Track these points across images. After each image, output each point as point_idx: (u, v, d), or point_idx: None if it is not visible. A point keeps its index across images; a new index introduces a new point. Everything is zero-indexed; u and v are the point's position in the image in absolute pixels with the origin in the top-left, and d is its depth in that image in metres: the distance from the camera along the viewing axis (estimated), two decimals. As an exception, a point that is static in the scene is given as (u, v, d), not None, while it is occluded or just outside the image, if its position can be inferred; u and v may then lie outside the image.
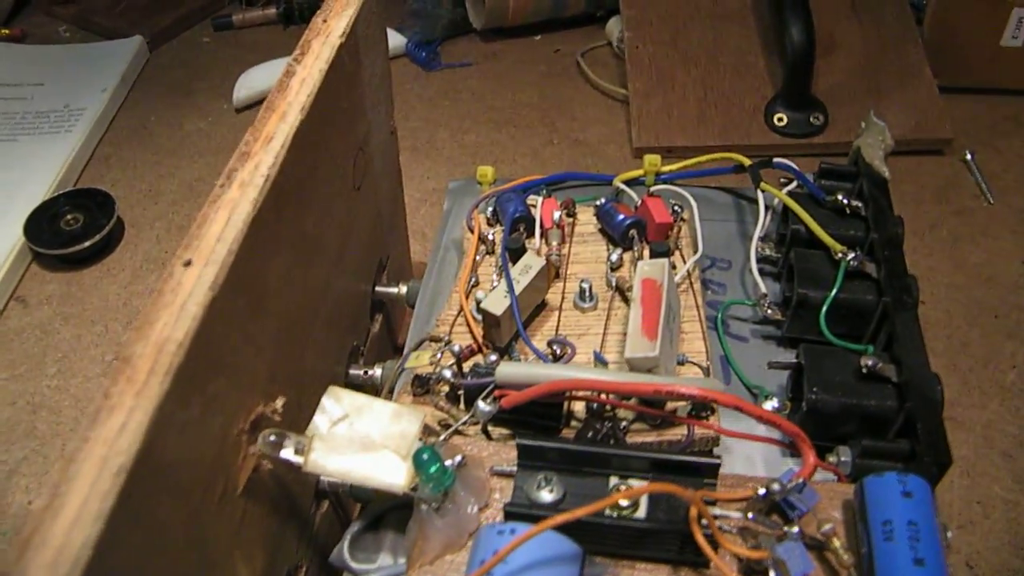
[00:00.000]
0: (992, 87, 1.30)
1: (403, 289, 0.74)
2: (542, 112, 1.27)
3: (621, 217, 0.64)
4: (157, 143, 1.26)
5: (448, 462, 0.47)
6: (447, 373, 0.53)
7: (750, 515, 0.46)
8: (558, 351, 0.57)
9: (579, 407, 0.54)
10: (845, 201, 0.64)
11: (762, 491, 0.46)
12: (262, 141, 0.50)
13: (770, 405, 0.57)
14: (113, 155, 1.24)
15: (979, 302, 1.03)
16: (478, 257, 0.65)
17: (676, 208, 0.67)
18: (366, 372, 0.68)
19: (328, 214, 0.59)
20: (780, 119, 1.17)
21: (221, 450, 0.44)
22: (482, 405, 0.51)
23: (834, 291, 0.59)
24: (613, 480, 0.47)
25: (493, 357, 0.56)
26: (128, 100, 1.34)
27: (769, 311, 0.62)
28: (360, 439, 0.48)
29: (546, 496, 0.46)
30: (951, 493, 0.85)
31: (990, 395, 0.94)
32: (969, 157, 1.19)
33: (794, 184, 0.68)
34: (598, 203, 0.67)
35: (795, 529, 0.45)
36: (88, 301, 1.02)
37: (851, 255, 0.59)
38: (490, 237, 0.65)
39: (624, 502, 0.45)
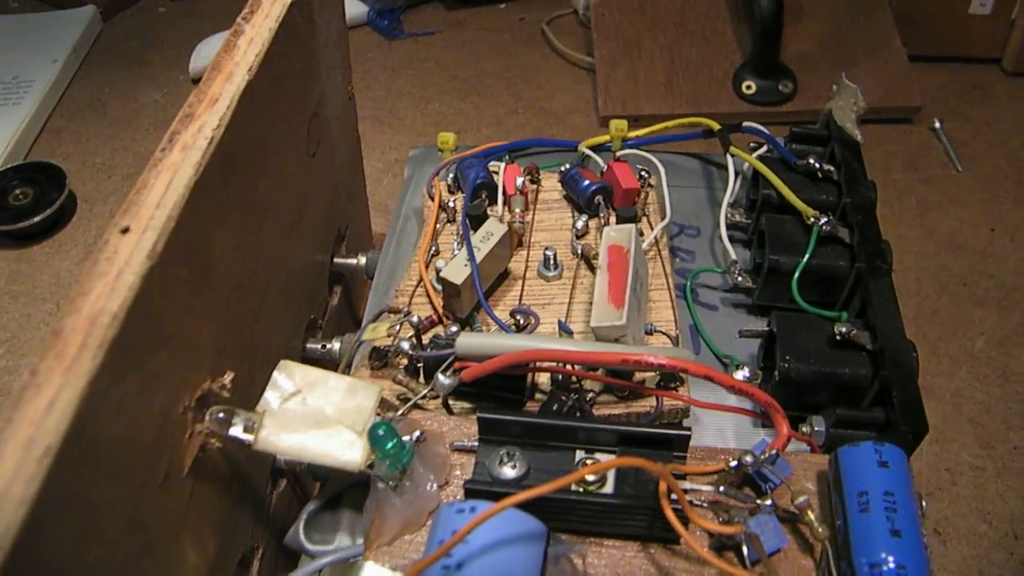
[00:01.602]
0: (961, 55, 1.28)
1: (362, 260, 0.71)
2: (507, 81, 1.24)
3: (586, 183, 0.62)
4: (111, 115, 1.23)
5: (406, 438, 0.45)
6: (405, 345, 0.51)
7: (721, 488, 0.44)
8: (521, 321, 0.55)
9: (544, 379, 0.52)
10: (817, 165, 0.62)
11: (734, 463, 0.44)
12: (207, 103, 0.47)
13: (741, 375, 0.55)
14: (65, 128, 1.20)
15: (948, 270, 1.02)
16: (438, 225, 0.63)
17: (643, 174, 0.65)
18: (324, 346, 0.65)
19: (281, 181, 0.56)
20: (749, 87, 1.15)
21: (163, 429, 0.41)
22: (441, 378, 0.49)
23: (806, 257, 0.57)
24: (579, 454, 0.46)
25: (454, 328, 0.54)
26: (81, 71, 1.30)
27: (739, 278, 0.60)
28: (313, 415, 0.46)
29: (508, 472, 0.44)
30: (920, 461, 0.84)
31: (959, 362, 0.93)
32: (938, 125, 1.18)
33: (764, 148, 0.66)
34: (563, 169, 0.65)
35: (768, 502, 0.44)
36: (38, 278, 0.99)
37: (823, 220, 0.57)
38: (451, 204, 0.63)
39: (590, 477, 0.44)
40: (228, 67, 0.50)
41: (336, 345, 0.65)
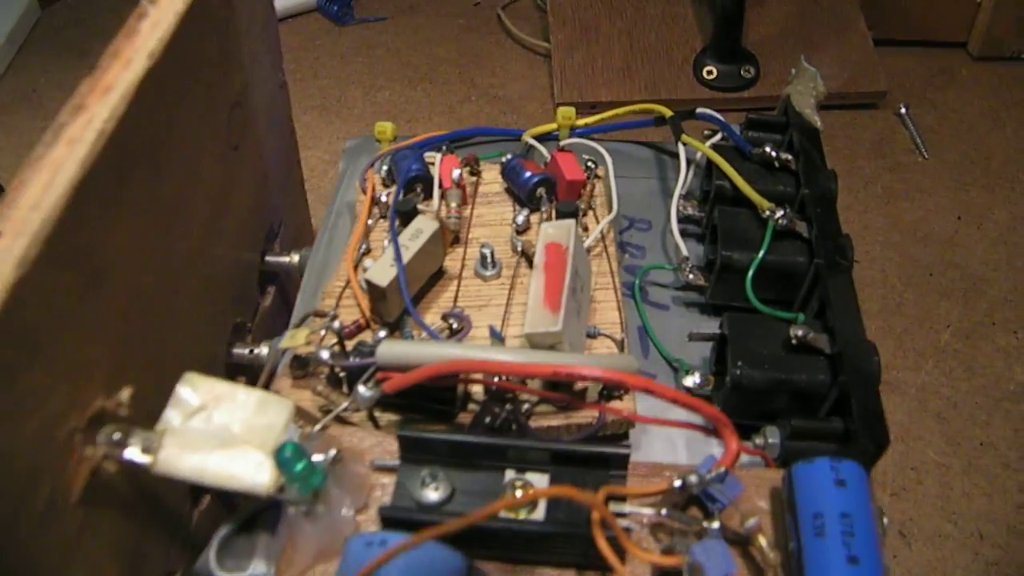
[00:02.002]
0: (926, 39, 1.26)
1: (295, 258, 0.67)
2: (460, 68, 1.20)
3: (528, 174, 0.58)
4: (47, 108, 1.18)
5: (319, 457, 0.41)
6: (324, 355, 0.47)
7: (664, 511, 0.41)
8: (455, 325, 0.51)
9: (477, 388, 0.48)
10: (773, 154, 0.58)
11: (678, 483, 0.40)
12: (99, 92, 0.43)
13: (691, 380, 0.52)
14: (-2, 121, 1.15)
15: (914, 260, 0.99)
16: (371, 221, 0.59)
17: (590, 164, 0.61)
18: (252, 351, 0.61)
19: (194, 176, 0.52)
20: (710, 72, 1.11)
21: (42, 454, 0.37)
22: (362, 390, 0.45)
23: (761, 253, 0.53)
24: (509, 474, 0.42)
25: (382, 334, 0.50)
26: (15, 62, 1.24)
27: (691, 276, 0.56)
28: (219, 433, 0.42)
29: (431, 495, 0.41)
30: (885, 460, 0.81)
31: (925, 356, 0.90)
32: (904, 111, 1.15)
33: (719, 136, 0.62)
34: (504, 159, 0.61)
35: (715, 524, 0.40)
36: (-36, 277, 0.94)
37: (779, 213, 0.54)
38: (384, 199, 0.59)
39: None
40: (126, 53, 0.45)
41: (265, 350, 0.61)
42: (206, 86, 0.53)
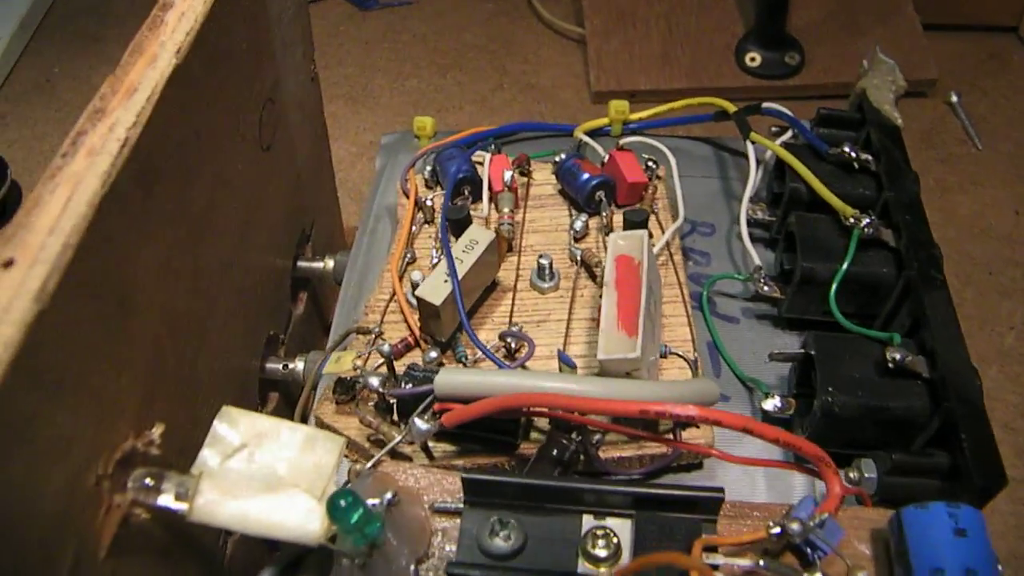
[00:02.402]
0: (978, 23, 1.20)
1: (330, 264, 0.63)
2: (490, 54, 1.15)
3: (586, 176, 0.54)
4: (61, 98, 1.13)
5: (374, 502, 0.37)
6: (374, 381, 0.42)
7: (761, 562, 0.36)
8: (513, 345, 0.47)
9: (542, 417, 0.44)
10: (852, 154, 0.53)
11: (776, 530, 0.36)
12: (122, 94, 0.38)
13: (771, 404, 0.47)
14: (10, 112, 1.10)
15: (972, 258, 0.94)
16: (414, 228, 0.54)
17: (650, 164, 0.56)
18: (286, 366, 0.57)
19: (225, 183, 0.48)
20: (753, 59, 1.06)
21: (68, 508, 0.33)
22: (418, 423, 0.40)
23: (845, 264, 0.48)
24: (587, 520, 0.37)
25: (433, 354, 0.46)
26: (28, 50, 1.20)
27: (765, 288, 0.52)
28: (262, 475, 0.38)
29: (501, 545, 0.36)
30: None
31: (988, 361, 0.85)
32: (955, 99, 1.10)
33: (789, 134, 0.58)
34: (558, 159, 0.56)
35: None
36: (-23, 278, 0.90)
37: (865, 221, 0.49)
38: (428, 203, 0.54)
39: (602, 550, 0.35)
40: (152, 48, 0.41)
41: (300, 365, 0.57)
42: (237, 82, 0.49)
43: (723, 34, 1.09)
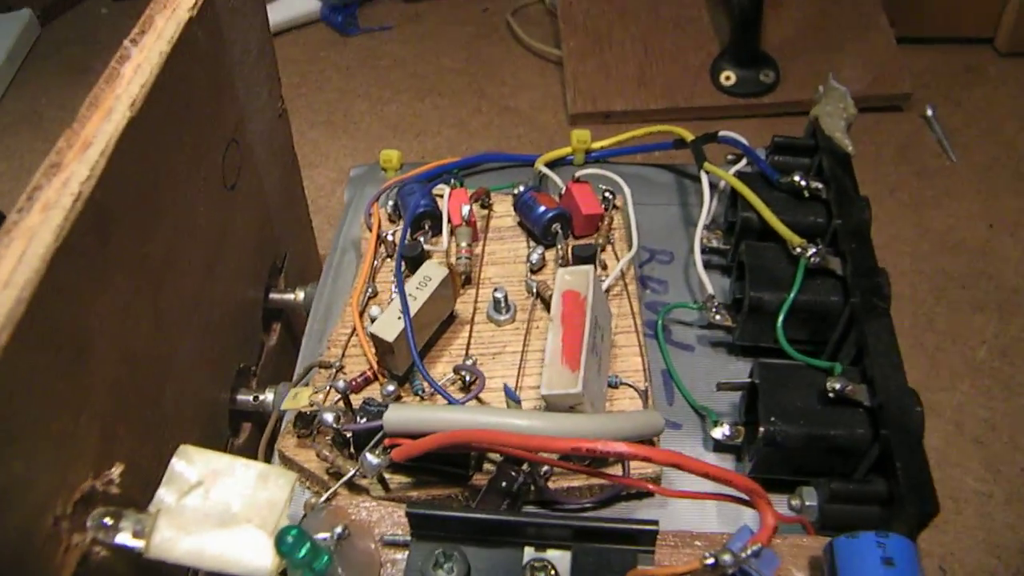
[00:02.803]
0: (953, 35, 1.21)
1: (300, 296, 0.64)
2: (469, 78, 1.17)
3: (542, 209, 0.55)
4: (48, 129, 1.15)
5: (324, 536, 0.38)
6: (328, 418, 0.44)
7: (696, 593, 0.37)
8: (468, 378, 0.48)
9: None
10: (803, 183, 0.55)
11: (710, 561, 0.37)
12: (77, 148, 0.40)
13: (720, 432, 0.49)
14: (-2, 143, 1.13)
15: (945, 272, 0.95)
16: (376, 262, 0.56)
17: (607, 195, 0.57)
18: (256, 397, 0.59)
19: (187, 225, 0.49)
20: (728, 77, 1.08)
21: (25, 550, 0.34)
22: (369, 457, 0.42)
23: (792, 294, 0.50)
24: (528, 551, 0.39)
25: (391, 388, 0.47)
26: (16, 80, 1.22)
27: (717, 317, 0.53)
28: (217, 512, 0.39)
29: (444, 578, 0.38)
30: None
31: (960, 375, 0.86)
32: (930, 113, 1.11)
33: (743, 162, 0.59)
34: (516, 192, 0.57)
35: (751, 605, 0.37)
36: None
37: (811, 251, 0.50)
38: (390, 237, 0.56)
39: (541, 580, 0.37)
40: (107, 102, 0.42)
41: (270, 396, 0.58)
42: (197, 127, 0.50)
43: (698, 54, 1.10)
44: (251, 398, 0.59)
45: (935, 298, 0.92)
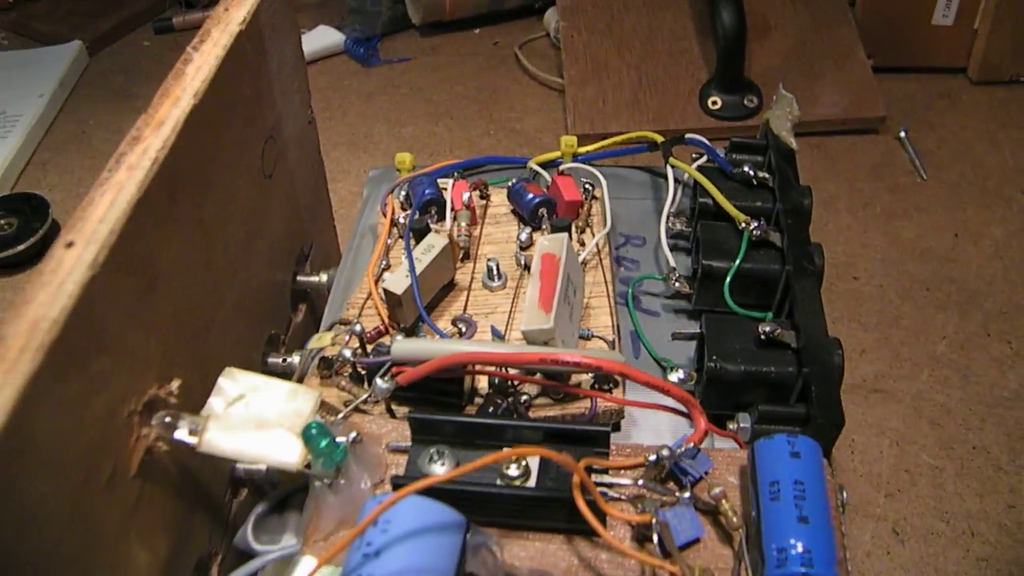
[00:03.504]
0: (925, 65, 1.31)
1: (324, 278, 0.74)
2: (479, 104, 1.28)
3: (530, 196, 0.65)
4: (96, 147, 1.26)
5: (342, 439, 0.47)
6: (347, 353, 0.54)
7: (640, 482, 0.46)
8: (463, 328, 0.57)
9: (483, 383, 0.55)
10: (752, 173, 0.64)
11: (652, 457, 0.46)
12: (153, 126, 0.50)
13: (675, 377, 0.58)
14: (51, 160, 1.24)
15: (912, 276, 1.04)
16: (389, 241, 0.65)
17: (587, 186, 0.67)
18: (285, 360, 0.68)
19: (232, 201, 0.59)
20: (715, 102, 1.18)
21: (107, 430, 0.44)
22: (379, 382, 0.51)
23: (737, 261, 0.59)
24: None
25: (399, 337, 0.56)
26: (67, 105, 1.34)
27: (677, 284, 0.62)
28: (255, 418, 0.48)
29: (437, 469, 0.47)
30: (880, 463, 0.86)
31: (920, 366, 0.95)
32: (903, 134, 1.20)
33: (704, 159, 0.69)
34: (509, 184, 0.67)
35: (687, 494, 0.46)
36: (22, 304, 1.02)
37: (753, 224, 0.60)
38: (402, 220, 0.65)
39: (514, 471, 0.46)
40: (175, 92, 0.52)
41: (296, 359, 0.68)
42: (243, 121, 0.60)
43: (688, 81, 1.20)
44: (280, 360, 0.68)
45: (901, 299, 1.01)
